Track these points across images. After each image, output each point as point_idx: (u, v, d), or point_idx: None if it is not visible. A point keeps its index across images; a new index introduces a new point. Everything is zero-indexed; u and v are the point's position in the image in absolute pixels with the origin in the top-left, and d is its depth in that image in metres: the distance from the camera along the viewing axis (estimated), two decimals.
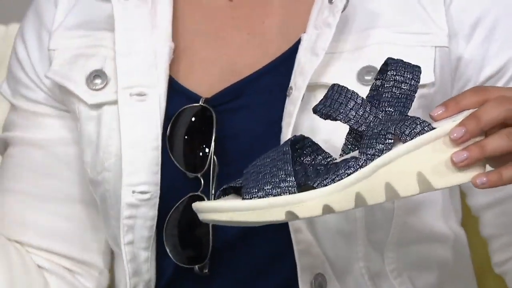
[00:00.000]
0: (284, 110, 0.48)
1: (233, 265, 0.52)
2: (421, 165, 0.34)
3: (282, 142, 0.46)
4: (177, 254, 0.51)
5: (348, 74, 0.48)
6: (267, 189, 0.35)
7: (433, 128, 0.34)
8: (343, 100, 0.36)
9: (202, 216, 0.37)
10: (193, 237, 0.51)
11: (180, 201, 0.51)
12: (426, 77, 0.44)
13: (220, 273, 0.52)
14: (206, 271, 0.51)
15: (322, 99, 0.37)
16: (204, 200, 0.49)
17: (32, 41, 0.57)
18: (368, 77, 0.47)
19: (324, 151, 0.39)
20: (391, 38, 0.49)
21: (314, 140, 0.39)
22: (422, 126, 0.34)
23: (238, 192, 0.37)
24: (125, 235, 0.51)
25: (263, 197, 0.35)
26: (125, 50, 0.53)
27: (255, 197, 0.35)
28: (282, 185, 0.35)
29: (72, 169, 0.56)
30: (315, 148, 0.39)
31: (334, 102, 0.36)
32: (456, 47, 0.50)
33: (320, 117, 0.38)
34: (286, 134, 0.46)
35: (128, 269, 0.51)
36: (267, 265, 0.51)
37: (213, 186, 0.50)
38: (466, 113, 0.34)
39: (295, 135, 0.38)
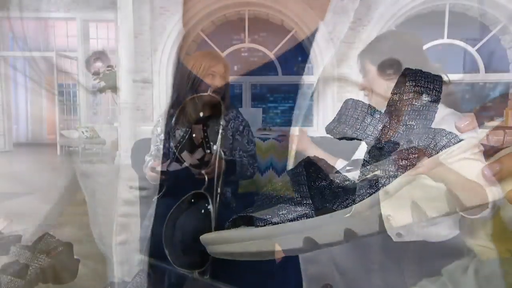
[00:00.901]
0: (296, 102, 0.46)
1: (235, 272, 0.48)
2: (449, 181, 0.30)
3: (291, 138, 0.44)
4: (176, 258, 0.48)
5: (368, 67, 0.46)
6: (282, 214, 0.32)
7: (460, 140, 0.31)
8: (358, 115, 0.33)
9: (211, 249, 0.34)
10: (194, 240, 0.47)
11: (182, 199, 0.47)
12: (455, 72, 0.42)
13: (221, 280, 0.48)
14: (207, 277, 0.47)
15: (335, 117, 0.34)
16: (207, 198, 0.46)
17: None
18: (390, 71, 0.45)
19: (340, 174, 0.36)
20: None
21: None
22: (449, 138, 0.31)
23: (249, 223, 0.34)
24: (117, 235, 0.48)
25: (278, 223, 0.32)
26: (131, 32, 0.51)
27: (269, 223, 0.32)
28: (298, 208, 0.32)
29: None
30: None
31: (349, 118, 0.33)
32: (488, 40, 0.47)
33: (334, 137, 0.34)
34: (296, 128, 0.44)
35: (118, 272, 0.48)
36: (271, 274, 0.48)
37: (219, 184, 0.47)
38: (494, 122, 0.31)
39: (308, 157, 0.36)
